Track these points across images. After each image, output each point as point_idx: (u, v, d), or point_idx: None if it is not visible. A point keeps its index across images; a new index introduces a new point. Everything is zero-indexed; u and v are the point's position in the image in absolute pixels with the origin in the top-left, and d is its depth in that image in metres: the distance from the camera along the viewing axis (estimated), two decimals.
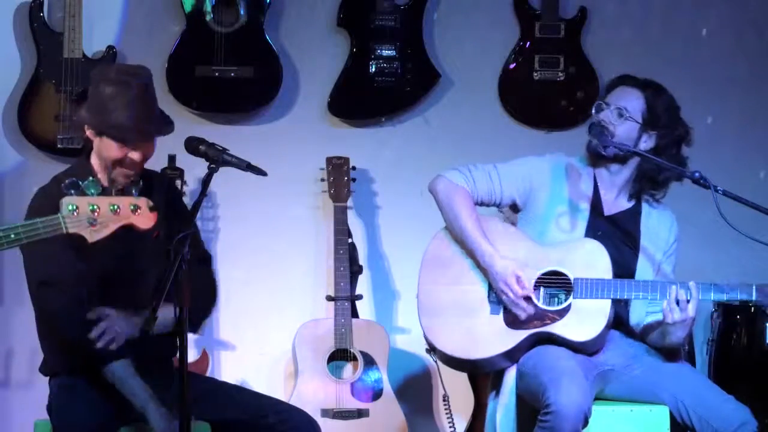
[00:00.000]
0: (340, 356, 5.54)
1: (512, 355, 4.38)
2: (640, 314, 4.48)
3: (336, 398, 5.48)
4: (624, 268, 4.42)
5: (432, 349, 4.49)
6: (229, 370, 5.72)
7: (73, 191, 3.45)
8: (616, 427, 4.30)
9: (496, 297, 4.41)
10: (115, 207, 3.50)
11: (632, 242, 4.51)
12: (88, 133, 4.10)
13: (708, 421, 4.23)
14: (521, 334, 4.36)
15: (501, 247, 4.42)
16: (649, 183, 4.50)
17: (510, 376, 4.39)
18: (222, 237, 5.84)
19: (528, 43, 5.90)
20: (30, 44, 5.64)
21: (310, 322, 5.61)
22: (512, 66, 5.91)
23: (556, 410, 4.07)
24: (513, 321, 4.38)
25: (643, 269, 4.48)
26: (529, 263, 4.39)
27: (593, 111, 4.51)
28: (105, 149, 4.07)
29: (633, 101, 4.47)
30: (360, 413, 5.48)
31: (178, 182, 5.58)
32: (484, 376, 4.67)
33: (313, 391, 5.47)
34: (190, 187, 5.63)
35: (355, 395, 5.51)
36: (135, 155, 4.06)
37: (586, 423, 4.14)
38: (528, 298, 4.35)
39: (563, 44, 5.88)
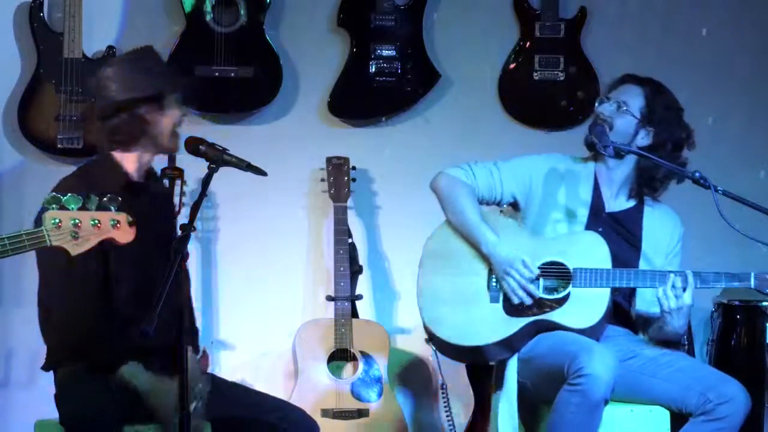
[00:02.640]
0: (340, 356, 5.54)
1: (511, 344, 4.40)
2: (645, 303, 4.50)
3: (336, 398, 5.48)
4: (625, 266, 4.44)
5: (431, 337, 4.52)
6: (229, 370, 5.72)
7: (54, 206, 3.50)
8: (616, 427, 4.31)
9: (495, 286, 4.45)
10: (96, 221, 3.56)
11: (634, 240, 4.54)
12: (148, 113, 4.17)
13: (703, 392, 4.25)
14: (520, 322, 4.39)
15: (501, 239, 4.45)
16: (648, 181, 4.53)
17: (511, 367, 4.41)
18: (222, 237, 5.84)
19: (528, 43, 5.89)
20: (30, 44, 5.64)
21: (310, 322, 5.62)
22: (512, 66, 5.91)
23: (590, 373, 4.11)
24: (512, 309, 4.42)
25: (645, 266, 4.50)
26: (529, 255, 4.42)
27: (596, 104, 4.57)
28: (171, 112, 4.20)
29: (633, 97, 4.53)
30: (360, 413, 5.48)
31: (178, 182, 5.58)
32: (485, 373, 4.67)
33: (313, 391, 5.47)
34: (190, 187, 5.63)
35: (355, 395, 5.51)
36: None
37: (612, 391, 4.17)
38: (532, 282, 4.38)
39: (563, 44, 5.88)
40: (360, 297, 5.64)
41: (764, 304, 5.33)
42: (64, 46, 5.60)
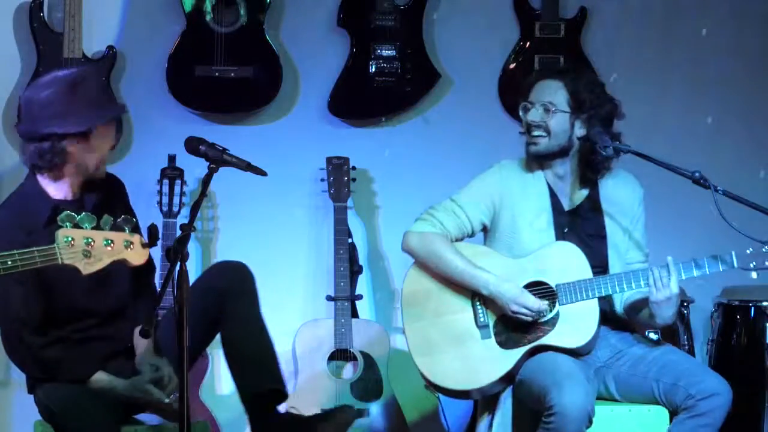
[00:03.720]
0: (340, 356, 5.54)
1: (511, 376, 4.37)
2: (622, 297, 4.49)
3: (336, 398, 5.48)
4: (596, 258, 4.42)
5: (431, 384, 4.48)
6: (228, 370, 5.71)
7: (68, 224, 3.50)
8: (615, 427, 4.31)
9: (484, 321, 4.41)
10: (109, 241, 3.57)
11: (598, 229, 4.50)
12: (72, 146, 4.09)
13: (686, 388, 4.23)
14: (518, 353, 4.36)
15: (494, 273, 4.40)
16: (591, 165, 4.46)
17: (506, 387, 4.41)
18: (222, 237, 5.85)
19: (528, 43, 5.89)
20: (30, 44, 5.64)
21: (310, 322, 5.62)
22: (512, 66, 5.91)
23: (560, 411, 4.09)
24: (506, 341, 4.39)
25: (614, 253, 4.48)
26: (508, 279, 4.39)
27: (520, 113, 4.49)
28: (99, 144, 4.12)
29: (555, 93, 4.44)
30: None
31: (178, 182, 5.59)
32: None
33: (313, 391, 5.47)
34: (190, 187, 5.64)
35: (355, 395, 5.51)
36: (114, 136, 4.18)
37: (590, 423, 4.15)
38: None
39: (563, 44, 5.88)
40: (360, 297, 5.64)
41: (764, 304, 5.33)
42: (64, 46, 5.60)
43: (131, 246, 3.60)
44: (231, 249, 5.82)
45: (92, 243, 3.54)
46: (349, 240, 5.64)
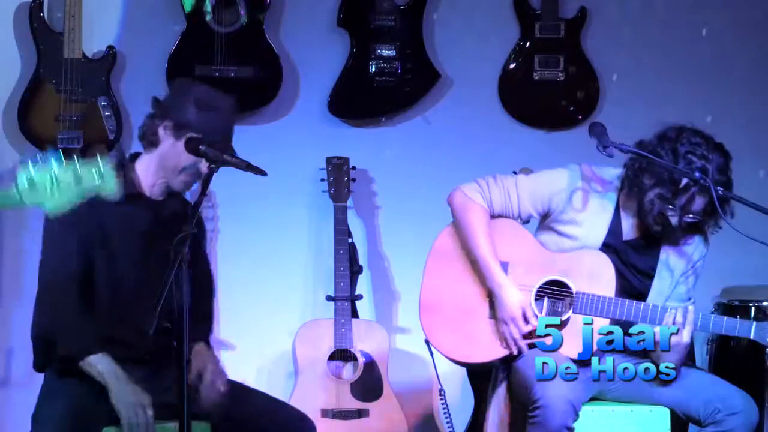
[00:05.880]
0: (340, 356, 5.54)
1: (505, 360, 4.39)
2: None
3: (336, 398, 5.48)
4: (632, 295, 4.36)
5: (429, 341, 4.52)
6: (229, 370, 5.70)
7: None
8: (616, 427, 4.31)
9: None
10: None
11: (647, 269, 4.45)
12: (164, 132, 4.12)
13: (712, 401, 4.22)
14: None
15: (507, 249, 4.40)
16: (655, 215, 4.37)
17: (501, 374, 4.43)
18: (222, 237, 5.84)
19: (528, 43, 5.89)
20: (30, 44, 5.64)
21: (310, 322, 5.62)
22: (512, 66, 5.91)
23: (545, 404, 4.10)
24: None
25: (654, 298, 4.41)
26: (534, 269, 4.38)
27: (698, 196, 4.34)
28: (181, 152, 4.10)
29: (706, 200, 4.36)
30: (360, 413, 5.48)
31: None
32: (484, 377, 4.67)
33: (313, 391, 5.47)
34: None
35: (355, 395, 5.51)
36: (203, 166, 4.09)
37: (576, 416, 4.15)
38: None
39: (563, 44, 5.88)
40: (360, 297, 5.64)
41: (764, 304, 5.32)
42: (64, 46, 5.60)
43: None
44: (231, 249, 5.83)
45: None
46: (349, 240, 5.64)
